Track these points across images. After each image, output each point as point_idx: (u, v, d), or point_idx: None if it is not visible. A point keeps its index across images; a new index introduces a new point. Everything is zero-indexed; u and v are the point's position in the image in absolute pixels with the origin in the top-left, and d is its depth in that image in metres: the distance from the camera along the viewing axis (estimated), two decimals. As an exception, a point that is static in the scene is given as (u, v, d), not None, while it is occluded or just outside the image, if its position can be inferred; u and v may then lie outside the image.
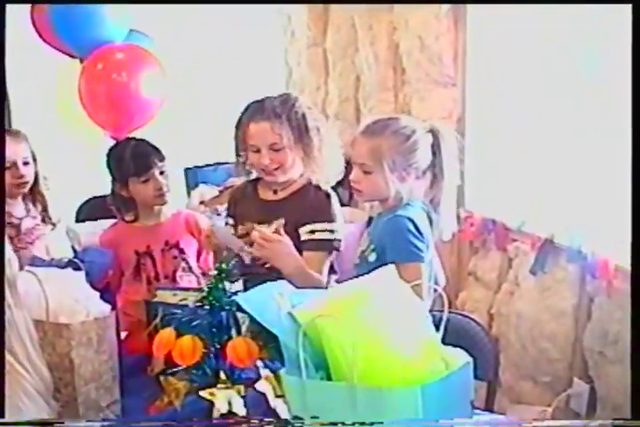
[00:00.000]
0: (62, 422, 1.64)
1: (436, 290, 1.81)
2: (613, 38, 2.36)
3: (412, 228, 2.16)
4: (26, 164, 2.70)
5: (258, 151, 2.37)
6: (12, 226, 2.69)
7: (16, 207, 2.74)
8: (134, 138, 2.61)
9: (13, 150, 2.67)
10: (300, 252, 2.34)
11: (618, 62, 2.29)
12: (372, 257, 2.23)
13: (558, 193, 2.88)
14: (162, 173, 2.56)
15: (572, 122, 2.75)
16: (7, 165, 2.63)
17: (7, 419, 1.51)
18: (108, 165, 2.59)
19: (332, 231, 2.40)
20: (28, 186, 2.74)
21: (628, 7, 1.77)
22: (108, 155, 2.60)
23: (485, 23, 3.23)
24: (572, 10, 2.64)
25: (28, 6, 3.77)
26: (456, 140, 2.30)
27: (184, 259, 2.59)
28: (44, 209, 2.81)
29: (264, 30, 4.95)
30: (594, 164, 2.66)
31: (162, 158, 2.57)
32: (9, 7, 1.93)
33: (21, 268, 1.88)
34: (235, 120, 2.44)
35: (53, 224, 2.83)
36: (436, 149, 2.23)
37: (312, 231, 2.38)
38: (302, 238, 2.39)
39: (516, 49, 3.02)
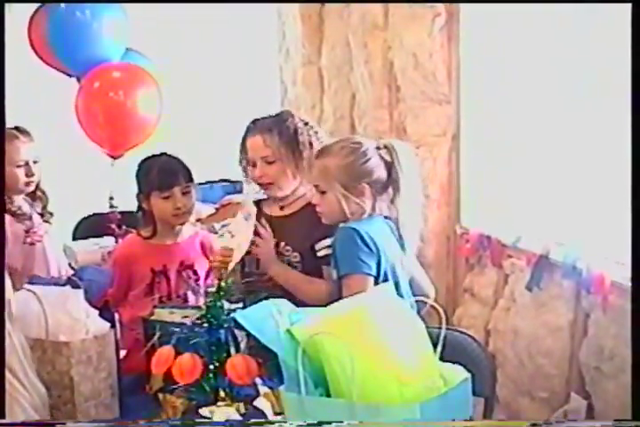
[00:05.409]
0: (63, 424, 1.65)
1: (433, 306, 1.82)
2: (613, 38, 2.35)
3: (357, 239, 2.14)
4: (35, 162, 2.76)
5: (254, 165, 2.46)
6: (26, 219, 2.77)
7: (23, 204, 2.80)
8: (166, 153, 2.59)
9: (27, 148, 2.74)
10: (319, 268, 2.38)
11: (618, 66, 2.26)
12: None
13: (553, 209, 2.89)
14: (185, 193, 2.54)
15: (567, 138, 2.76)
16: (21, 162, 2.71)
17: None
18: (137, 176, 2.59)
19: None
20: (34, 185, 2.80)
21: (628, 7, 1.78)
22: (140, 166, 2.60)
23: (478, 39, 3.25)
24: (570, 10, 2.63)
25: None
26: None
27: (196, 280, 2.57)
28: (44, 207, 2.88)
29: (259, 48, 4.98)
30: (589, 179, 2.68)
31: (188, 179, 2.55)
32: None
33: (19, 286, 1.89)
34: (230, 138, 2.52)
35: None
36: (390, 166, 2.23)
37: (330, 246, 2.39)
38: (321, 254, 2.40)
39: (510, 64, 3.04)
